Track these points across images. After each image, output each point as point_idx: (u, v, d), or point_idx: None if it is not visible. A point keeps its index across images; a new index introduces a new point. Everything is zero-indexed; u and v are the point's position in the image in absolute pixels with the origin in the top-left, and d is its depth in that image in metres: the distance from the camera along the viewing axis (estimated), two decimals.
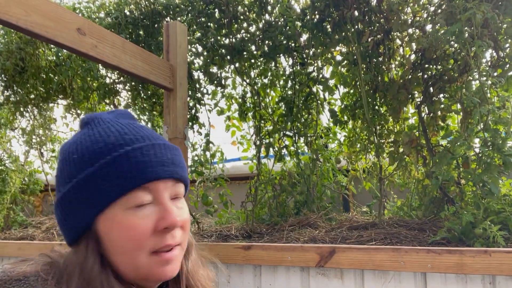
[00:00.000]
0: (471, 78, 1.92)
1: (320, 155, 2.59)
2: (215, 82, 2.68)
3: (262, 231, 2.27)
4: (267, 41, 2.48)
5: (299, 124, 2.54)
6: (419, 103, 2.23)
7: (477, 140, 1.82)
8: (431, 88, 2.17)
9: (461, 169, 1.98)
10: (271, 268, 1.85)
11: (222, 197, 2.78)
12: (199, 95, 2.69)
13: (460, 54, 2.01)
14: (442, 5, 2.03)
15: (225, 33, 2.53)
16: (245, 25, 2.53)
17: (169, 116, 1.93)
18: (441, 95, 2.17)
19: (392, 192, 2.59)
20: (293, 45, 2.46)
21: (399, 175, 2.44)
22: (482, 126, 1.76)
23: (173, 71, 1.92)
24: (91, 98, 3.20)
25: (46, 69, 3.13)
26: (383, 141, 2.36)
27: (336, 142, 2.77)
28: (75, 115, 3.46)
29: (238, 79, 2.72)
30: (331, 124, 2.59)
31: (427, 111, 2.21)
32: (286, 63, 2.60)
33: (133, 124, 0.72)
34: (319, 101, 2.54)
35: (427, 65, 2.17)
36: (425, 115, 2.22)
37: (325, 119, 2.81)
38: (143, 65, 1.73)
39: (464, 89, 1.93)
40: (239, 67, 2.60)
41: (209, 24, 2.53)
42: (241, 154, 3.03)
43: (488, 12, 1.69)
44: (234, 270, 1.93)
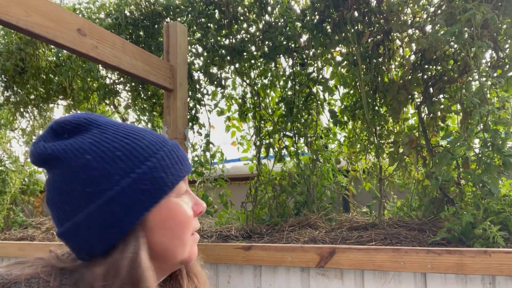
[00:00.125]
0: (471, 79, 1.92)
1: (320, 155, 2.59)
2: (215, 82, 2.68)
3: (262, 232, 2.27)
4: (267, 42, 2.48)
5: (299, 125, 2.54)
6: (419, 103, 2.23)
7: (477, 141, 1.83)
8: (431, 89, 2.17)
9: (461, 169, 1.98)
10: (271, 269, 1.85)
11: (222, 197, 2.78)
12: (199, 95, 2.69)
13: (460, 55, 2.01)
14: (442, 6, 2.03)
15: (225, 34, 2.53)
16: (245, 25, 2.53)
17: (169, 117, 1.93)
18: (441, 96, 2.17)
19: (392, 193, 2.59)
20: (293, 45, 2.46)
21: (399, 175, 2.45)
22: (482, 126, 1.76)
23: (173, 71, 1.92)
24: (91, 99, 3.20)
25: (46, 70, 3.13)
26: (383, 141, 2.36)
27: (336, 142, 2.77)
28: None
29: (238, 79, 2.73)
30: (331, 125, 2.59)
31: (427, 111, 2.21)
32: (286, 64, 2.61)
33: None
34: (319, 102, 2.54)
35: (427, 66, 2.17)
36: (425, 116, 2.22)
37: (325, 119, 2.82)
38: (143, 65, 1.73)
39: (464, 90, 1.93)
40: (239, 67, 2.60)
41: (209, 24, 2.53)
42: (241, 155, 3.03)
43: (488, 13, 1.70)
44: (234, 270, 1.93)
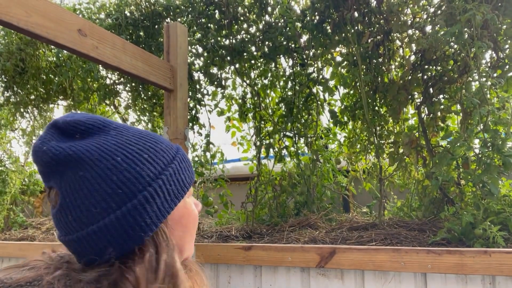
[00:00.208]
0: (471, 79, 1.92)
1: (320, 155, 2.59)
2: (215, 83, 2.68)
3: (262, 232, 2.27)
4: (267, 42, 2.49)
5: (299, 125, 2.54)
6: (419, 104, 2.23)
7: (477, 141, 1.83)
8: (431, 89, 2.17)
9: (461, 169, 1.99)
10: (271, 269, 1.85)
11: (222, 197, 2.78)
12: (199, 96, 2.69)
13: (460, 55, 2.01)
14: (441, 6, 2.04)
15: (225, 34, 2.53)
16: (245, 26, 2.54)
17: (169, 117, 1.93)
18: (441, 96, 2.17)
19: (392, 193, 2.59)
20: (293, 46, 2.46)
21: (399, 175, 2.45)
22: (482, 126, 1.76)
23: (173, 72, 1.92)
24: (92, 99, 3.20)
25: (47, 70, 3.13)
26: (383, 141, 2.36)
27: (336, 142, 2.77)
28: None
29: (238, 80, 2.73)
30: (331, 125, 2.59)
31: (427, 112, 2.21)
32: (286, 64, 2.61)
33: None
34: (319, 102, 2.55)
35: (427, 66, 2.17)
36: (425, 116, 2.22)
37: (325, 119, 2.82)
38: (143, 66, 1.73)
39: (464, 90, 1.93)
40: (239, 68, 2.60)
41: (209, 25, 2.54)
42: (241, 155, 3.03)
43: (487, 13, 1.70)
44: (235, 270, 1.93)
